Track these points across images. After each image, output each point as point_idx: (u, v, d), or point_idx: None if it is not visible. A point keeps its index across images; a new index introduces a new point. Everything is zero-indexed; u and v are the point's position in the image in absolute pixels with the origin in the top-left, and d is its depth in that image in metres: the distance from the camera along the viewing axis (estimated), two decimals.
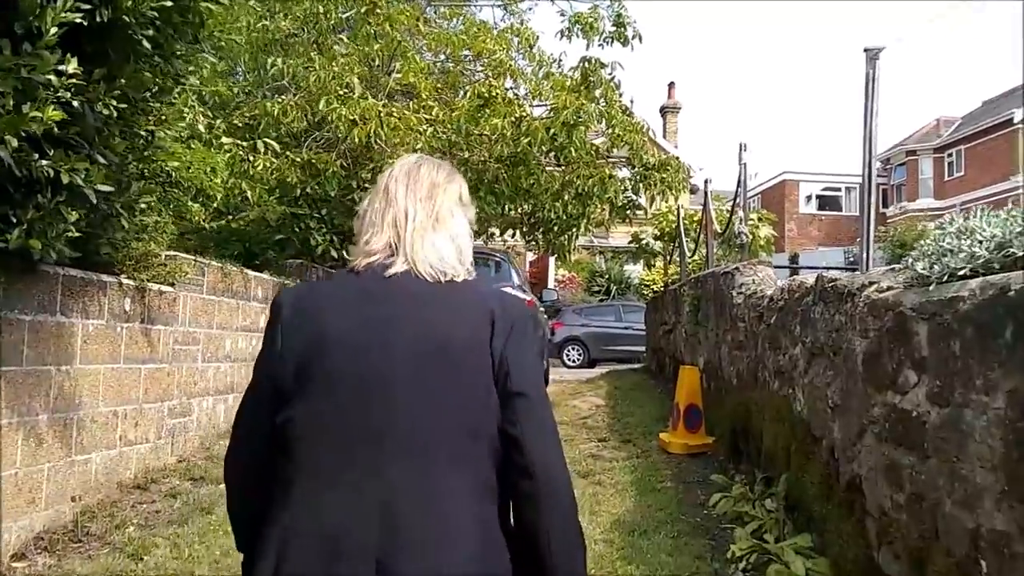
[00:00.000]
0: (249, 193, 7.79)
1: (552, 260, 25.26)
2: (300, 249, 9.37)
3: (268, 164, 8.46)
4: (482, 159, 9.56)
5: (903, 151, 39.01)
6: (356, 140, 8.19)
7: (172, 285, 6.35)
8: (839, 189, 40.25)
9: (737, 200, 7.47)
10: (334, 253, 9.38)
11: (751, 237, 7.20)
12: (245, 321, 7.88)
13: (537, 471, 1.48)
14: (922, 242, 3.29)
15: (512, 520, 1.53)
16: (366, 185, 9.27)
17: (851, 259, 27.99)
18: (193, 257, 6.73)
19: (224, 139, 7.75)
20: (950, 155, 37.37)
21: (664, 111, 35.72)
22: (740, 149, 7.43)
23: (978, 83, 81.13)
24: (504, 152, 9.52)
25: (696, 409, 7.10)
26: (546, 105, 10.56)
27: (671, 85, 37.44)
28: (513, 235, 14.83)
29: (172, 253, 6.42)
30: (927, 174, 38.15)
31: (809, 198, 40.05)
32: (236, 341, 7.67)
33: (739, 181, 7.46)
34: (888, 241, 28.22)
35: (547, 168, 10.83)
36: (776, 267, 14.06)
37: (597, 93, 10.35)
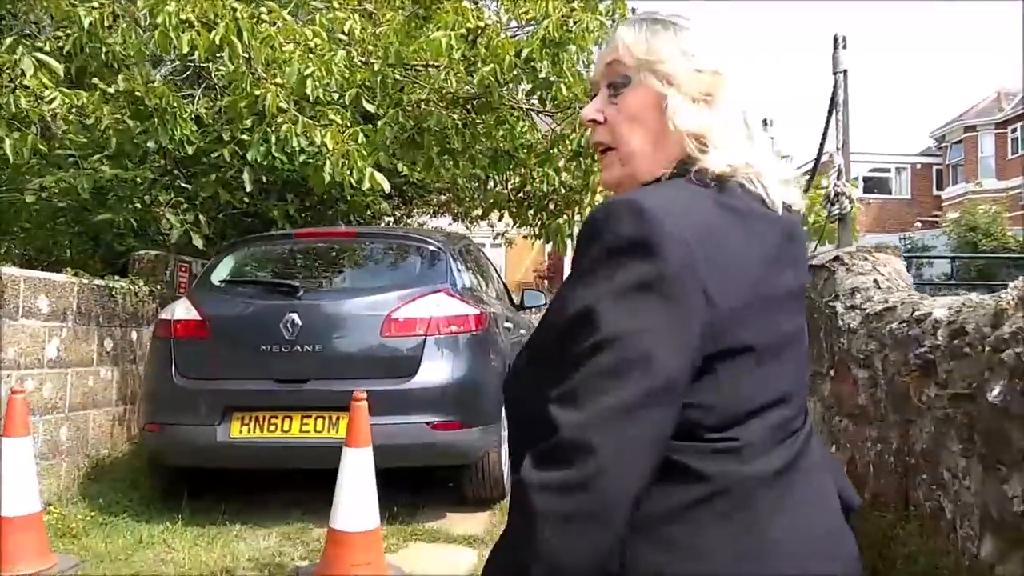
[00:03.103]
0: (7, 143, 4.63)
1: (569, 249, 21.98)
2: (137, 234, 6.23)
3: (70, 100, 5.30)
4: (423, 99, 6.33)
5: (961, 127, 35.43)
6: (187, 49, 4.98)
7: None
8: (888, 170, 36.66)
9: (835, 138, 4.17)
10: (198, 242, 6.21)
11: (853, 204, 3.92)
12: None
13: None
14: None
15: None
16: (243, 136, 6.11)
17: (908, 246, 24.55)
18: None
19: None
20: (1014, 130, 33.65)
21: None
22: (835, 45, 4.14)
23: None
24: (455, 87, 6.29)
25: None
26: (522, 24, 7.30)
27: None
28: (501, 217, 11.62)
29: None
30: (988, 152, 34.50)
31: (855, 180, 36.41)
32: None
33: (832, 101, 4.16)
34: (955, 224, 24.75)
35: (531, 116, 7.59)
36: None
37: (603, 7, 7.06)
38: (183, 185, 6.50)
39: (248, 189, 6.05)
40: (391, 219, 12.17)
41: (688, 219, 1.02)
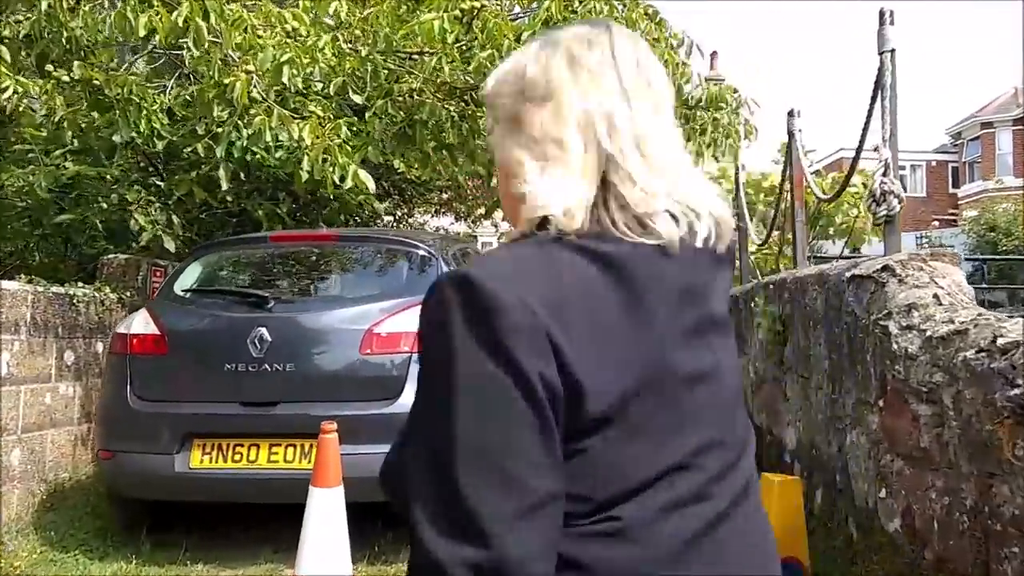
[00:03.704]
0: None
1: None
2: (111, 236, 5.72)
3: (24, 88, 4.80)
4: (415, 89, 5.79)
5: (977, 123, 34.81)
6: (144, 32, 4.46)
7: None
8: (903, 167, 35.84)
9: (881, 127, 3.60)
10: (170, 244, 5.69)
11: (902, 202, 3.34)
12: None
13: None
14: None
15: None
16: (217, 128, 5.58)
17: (925, 244, 23.89)
18: None
19: None
20: None
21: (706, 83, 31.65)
22: (881, 20, 3.58)
23: None
24: (451, 76, 5.74)
25: (797, 570, 3.32)
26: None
27: (713, 55, 33.17)
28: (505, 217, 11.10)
29: None
30: (1005, 149, 33.90)
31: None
32: None
33: (877, 85, 3.60)
34: (974, 223, 24.11)
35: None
36: (825, 258, 9.76)
37: None
38: (158, 183, 5.98)
39: (224, 187, 5.52)
40: (392, 219, 11.67)
41: (532, 282, 0.87)
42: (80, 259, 6.42)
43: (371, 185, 5.07)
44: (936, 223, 30.24)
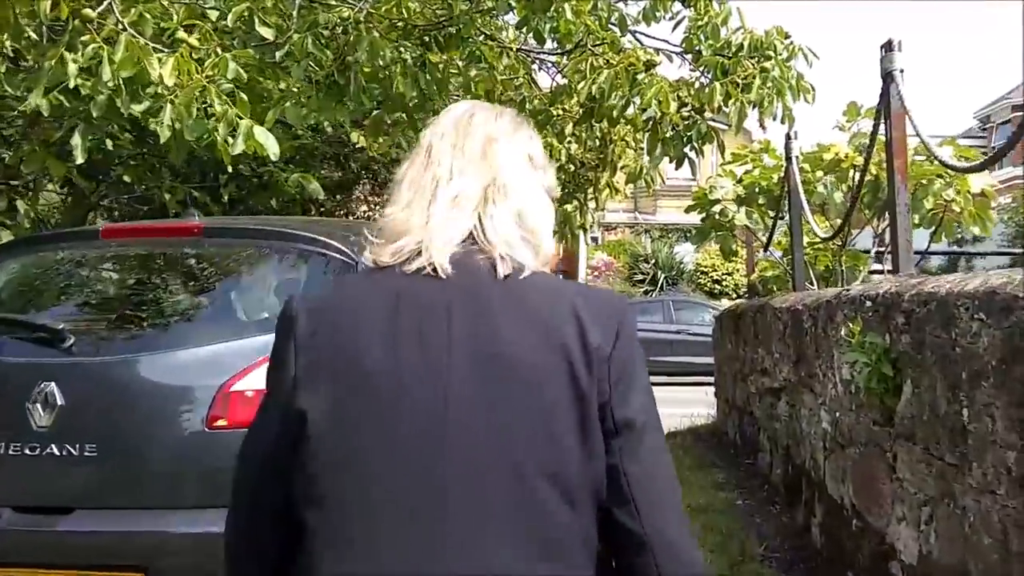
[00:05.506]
0: None
1: (583, 241, 19.53)
2: None
3: None
4: (349, 20, 4.14)
5: (1008, 106, 33.15)
6: None
7: None
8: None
9: None
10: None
11: None
12: None
13: (654, 542, 1.04)
14: None
15: None
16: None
17: (958, 235, 22.14)
18: None
19: None
20: None
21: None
22: None
23: None
24: (404, 5, 4.09)
25: None
26: None
27: None
28: None
29: None
30: None
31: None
32: None
33: None
34: (1013, 211, 22.39)
35: (523, 61, 5.42)
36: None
37: None
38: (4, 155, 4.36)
39: (79, 159, 3.87)
40: (367, 209, 10.06)
41: (316, 300, 1.13)
42: None
43: (274, 149, 3.43)
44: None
